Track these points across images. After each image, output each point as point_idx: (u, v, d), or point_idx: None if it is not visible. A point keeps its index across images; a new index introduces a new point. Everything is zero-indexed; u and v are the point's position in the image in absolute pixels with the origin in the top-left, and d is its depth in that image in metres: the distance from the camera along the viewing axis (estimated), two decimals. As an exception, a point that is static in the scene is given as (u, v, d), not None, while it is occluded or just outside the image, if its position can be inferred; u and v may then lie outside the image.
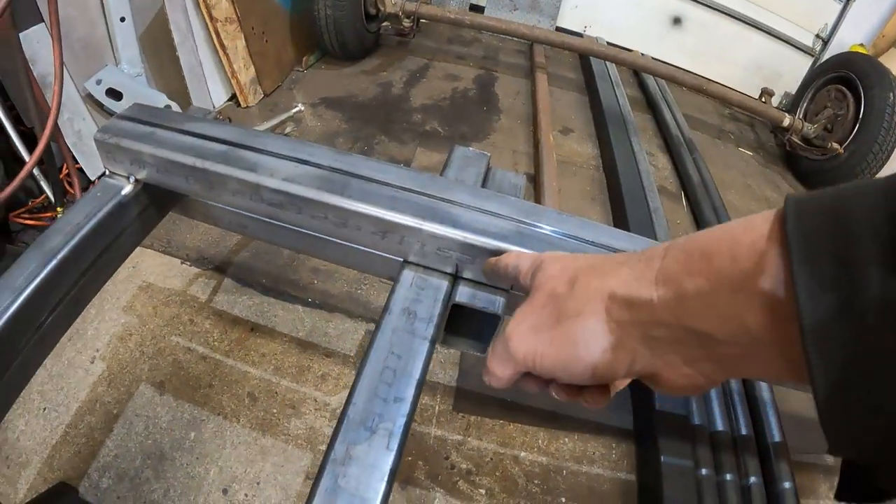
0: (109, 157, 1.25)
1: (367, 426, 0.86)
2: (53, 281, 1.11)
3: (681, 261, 0.55)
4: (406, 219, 1.07)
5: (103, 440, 2.04)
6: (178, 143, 1.19)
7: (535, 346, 0.67)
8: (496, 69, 4.51)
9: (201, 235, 2.73)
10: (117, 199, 1.25)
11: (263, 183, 1.12)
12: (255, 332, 2.36)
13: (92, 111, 3.05)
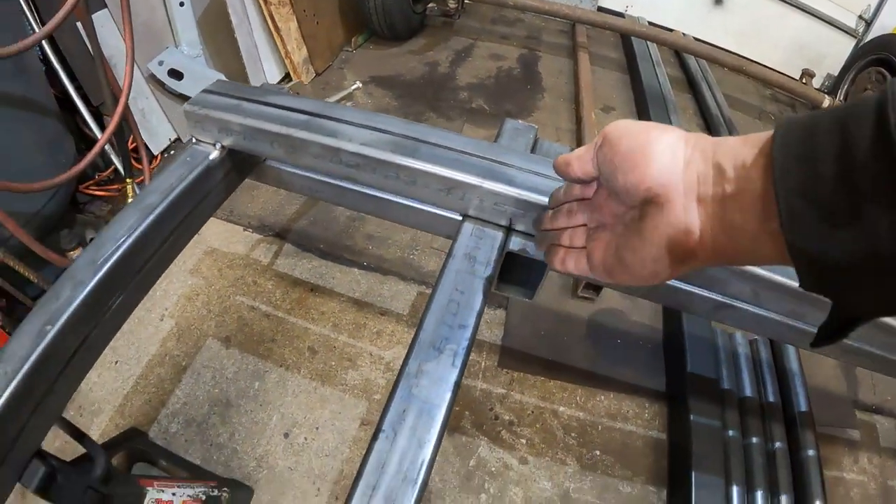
0: (198, 126, 1.42)
1: (436, 347, 1.02)
2: (151, 233, 1.28)
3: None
4: (468, 177, 1.21)
5: (172, 390, 2.24)
6: (263, 113, 1.35)
7: (622, 123, 0.71)
8: (539, 49, 4.58)
9: (261, 205, 2.94)
10: (205, 163, 1.41)
11: (343, 147, 1.27)
12: (315, 292, 2.56)
13: (154, 90, 3.22)
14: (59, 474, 1.21)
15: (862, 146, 0.48)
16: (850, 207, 0.49)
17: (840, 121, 0.51)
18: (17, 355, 1.06)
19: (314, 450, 2.09)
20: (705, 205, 0.62)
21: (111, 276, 1.20)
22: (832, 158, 0.50)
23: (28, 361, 1.06)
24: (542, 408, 2.20)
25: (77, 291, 1.13)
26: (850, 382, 2.37)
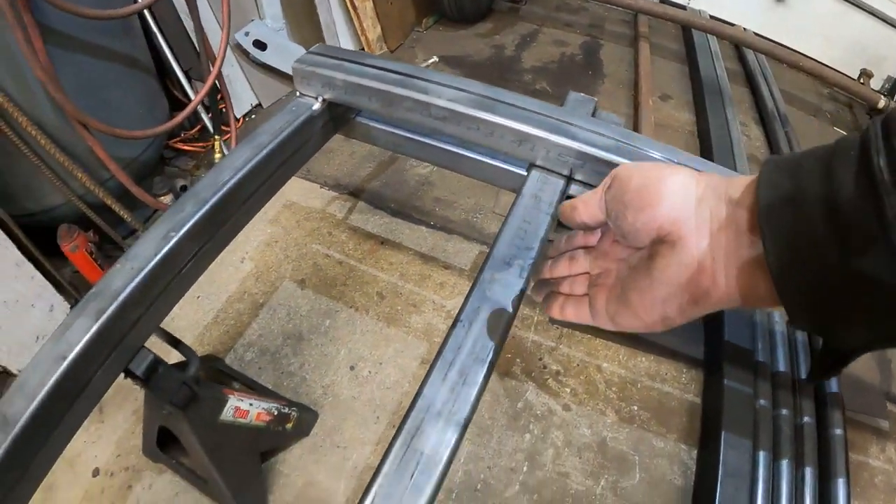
0: (303, 81, 1.68)
1: (506, 262, 1.22)
2: (261, 166, 1.53)
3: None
4: (537, 131, 1.43)
5: (249, 323, 2.48)
6: (363, 72, 1.59)
7: (632, 164, 0.72)
8: (601, 37, 4.70)
9: (337, 167, 3.20)
10: (308, 113, 1.66)
11: (434, 102, 1.51)
12: (385, 245, 2.81)
13: (239, 59, 3.45)
14: (159, 367, 1.42)
15: (846, 186, 0.50)
16: (838, 247, 0.50)
17: (824, 161, 0.53)
18: (143, 255, 1.29)
19: (377, 382, 2.32)
20: (719, 242, 0.62)
21: (227, 198, 1.43)
22: (818, 199, 0.52)
23: (152, 261, 1.29)
24: (587, 362, 2.36)
25: (199, 207, 1.37)
26: (885, 375, 2.40)
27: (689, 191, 0.65)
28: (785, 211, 0.54)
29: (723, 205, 0.62)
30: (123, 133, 2.47)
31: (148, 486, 2.10)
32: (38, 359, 1.20)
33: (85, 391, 1.25)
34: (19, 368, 2.35)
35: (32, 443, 1.14)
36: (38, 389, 1.15)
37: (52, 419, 1.18)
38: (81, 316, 1.22)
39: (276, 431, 2.01)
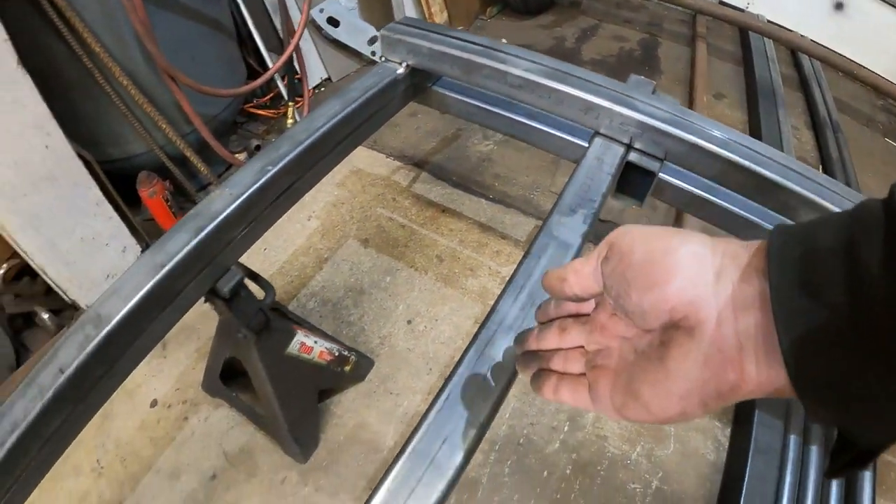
0: (390, 47, 1.82)
1: (571, 209, 1.35)
2: (348, 118, 1.66)
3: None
4: (602, 101, 1.53)
5: (313, 275, 2.58)
6: (446, 42, 1.72)
7: (632, 229, 0.58)
8: (660, 35, 4.70)
9: (402, 140, 3.29)
10: (393, 76, 1.79)
11: (511, 71, 1.63)
12: (445, 213, 2.89)
13: (312, 34, 3.54)
14: (242, 290, 1.51)
15: (873, 277, 0.41)
16: (862, 346, 0.42)
17: (845, 240, 0.44)
18: (242, 183, 1.40)
19: (431, 337, 2.40)
20: (747, 327, 0.49)
21: (318, 142, 1.56)
22: (840, 289, 0.43)
23: (250, 188, 1.40)
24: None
25: (293, 147, 1.49)
26: None
27: (704, 264, 0.53)
28: (801, 299, 0.45)
29: (747, 280, 0.50)
30: (209, 90, 2.57)
31: (204, 419, 2.20)
32: (137, 266, 1.28)
33: (175, 301, 1.33)
34: (87, 304, 2.40)
35: (121, 342, 1.22)
36: (134, 293, 1.23)
37: (141, 322, 1.26)
38: (181, 231, 1.32)
39: (335, 372, 2.10)
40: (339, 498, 2.00)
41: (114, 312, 1.20)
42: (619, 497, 1.98)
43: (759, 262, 0.50)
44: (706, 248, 0.53)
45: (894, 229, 0.41)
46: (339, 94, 1.68)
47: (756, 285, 0.49)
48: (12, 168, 2.06)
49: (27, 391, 1.11)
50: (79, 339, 1.17)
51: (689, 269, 0.52)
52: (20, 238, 2.17)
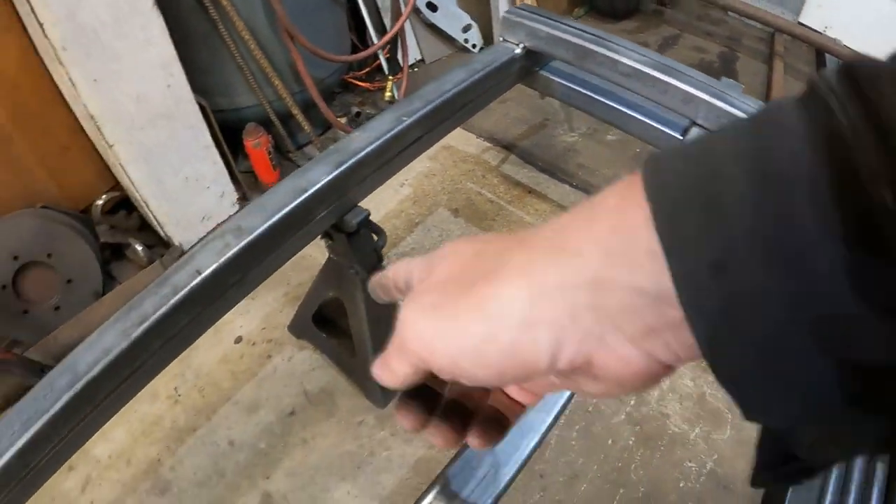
0: (509, 29, 1.94)
1: None
2: (473, 86, 1.78)
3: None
4: (701, 94, 1.67)
5: (404, 237, 2.66)
6: (564, 28, 1.86)
7: (435, 324, 0.42)
8: (739, 50, 4.67)
9: (493, 123, 3.35)
10: (510, 55, 1.91)
11: (621, 60, 1.76)
12: (532, 194, 2.95)
13: (411, 16, 3.60)
14: (362, 229, 1.60)
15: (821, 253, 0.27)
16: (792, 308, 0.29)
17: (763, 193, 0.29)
18: (379, 128, 1.55)
19: (509, 304, 2.43)
20: (636, 342, 0.36)
21: (445, 104, 1.68)
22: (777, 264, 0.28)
23: (386, 134, 1.53)
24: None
25: (424, 104, 1.64)
26: None
27: (519, 311, 0.38)
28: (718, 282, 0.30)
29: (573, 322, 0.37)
30: (324, 53, 2.65)
31: (287, 359, 2.27)
32: (280, 187, 1.38)
33: (307, 226, 1.43)
34: (180, 242, 2.55)
35: (256, 253, 1.30)
36: (276, 211, 1.32)
37: (277, 239, 1.35)
38: (322, 163, 1.43)
39: (423, 324, 2.14)
40: (413, 444, 2.06)
41: (254, 226, 1.29)
42: (675, 472, 2.02)
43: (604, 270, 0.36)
44: (521, 290, 0.39)
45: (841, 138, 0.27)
46: (464, 62, 1.80)
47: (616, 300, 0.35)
48: (135, 102, 2.15)
49: (159, 289, 1.18)
50: (218, 247, 1.24)
51: (510, 318, 0.39)
52: (131, 169, 2.26)
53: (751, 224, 0.29)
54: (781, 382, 0.31)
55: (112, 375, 1.10)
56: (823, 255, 0.27)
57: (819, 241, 0.27)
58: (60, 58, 1.92)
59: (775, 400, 0.32)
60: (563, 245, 0.39)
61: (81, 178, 2.40)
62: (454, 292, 0.42)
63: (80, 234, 2.30)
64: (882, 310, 0.27)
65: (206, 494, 1.93)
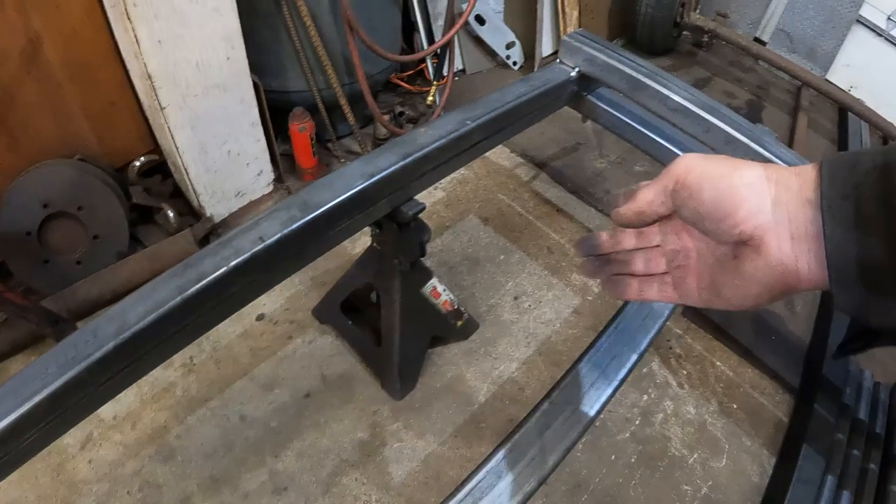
0: (568, 52, 1.97)
1: None
2: (532, 100, 1.79)
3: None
4: (741, 137, 1.74)
5: (434, 238, 2.59)
6: (619, 59, 1.89)
7: (698, 159, 0.63)
8: (766, 99, 4.62)
9: (527, 140, 3.30)
10: (565, 77, 1.94)
11: (672, 96, 1.80)
12: (560, 212, 2.91)
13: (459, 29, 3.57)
14: (413, 222, 1.56)
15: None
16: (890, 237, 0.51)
17: (882, 161, 0.53)
18: (444, 127, 1.52)
19: (534, 315, 2.42)
20: (800, 244, 0.57)
21: (505, 113, 1.68)
22: (875, 197, 0.52)
23: (452, 134, 1.51)
24: (704, 356, 2.39)
25: (487, 111, 1.62)
26: None
27: (763, 193, 0.59)
28: (844, 205, 0.53)
29: (798, 205, 0.57)
30: (380, 50, 2.61)
31: (308, 342, 2.21)
32: (348, 169, 1.37)
33: (369, 209, 1.41)
34: (212, 213, 2.49)
35: (318, 229, 1.28)
36: (343, 191, 1.30)
37: (340, 218, 1.33)
38: (390, 152, 1.41)
39: (449, 323, 2.12)
40: (425, 438, 2.01)
41: (321, 202, 1.26)
42: (672, 494, 2.01)
43: (809, 192, 0.57)
44: (762, 178, 0.59)
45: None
46: (524, 78, 1.82)
47: (808, 216, 0.56)
48: (194, 68, 2.10)
49: (221, 251, 1.15)
50: (283, 217, 1.22)
51: (752, 200, 0.59)
52: (178, 133, 2.21)
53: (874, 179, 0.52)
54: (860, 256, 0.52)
55: (160, 330, 1.07)
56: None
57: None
58: (129, 13, 1.86)
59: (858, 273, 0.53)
60: (779, 168, 0.60)
61: (123, 136, 2.34)
62: (720, 160, 0.62)
63: (113, 192, 2.24)
64: None
65: (211, 466, 1.88)
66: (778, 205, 0.58)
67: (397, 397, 2.08)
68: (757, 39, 5.05)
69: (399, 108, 3.15)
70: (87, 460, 1.84)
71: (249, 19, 2.22)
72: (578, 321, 2.42)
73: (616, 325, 1.15)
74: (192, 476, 1.85)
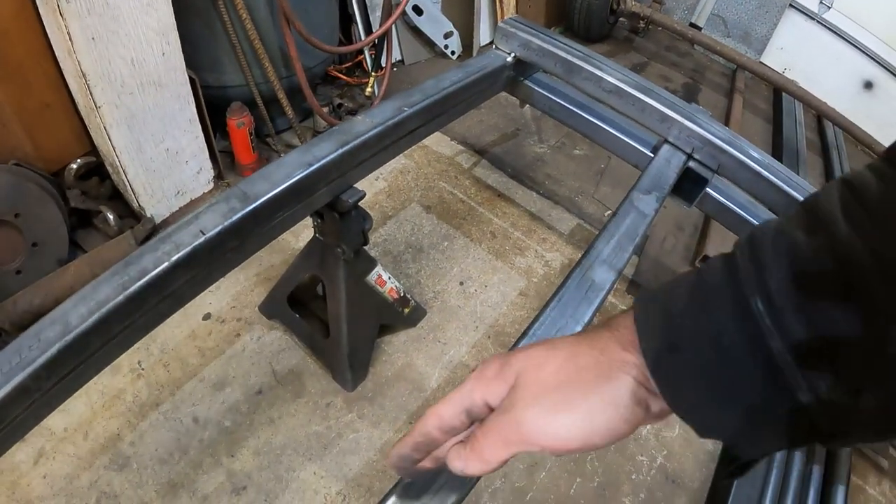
0: (504, 38, 2.02)
1: (647, 191, 1.58)
2: (467, 86, 1.82)
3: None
4: (675, 115, 1.79)
5: (377, 228, 2.62)
6: (554, 43, 1.96)
7: (569, 421, 0.55)
8: (702, 83, 4.74)
9: (466, 128, 3.36)
10: (501, 62, 2.00)
11: (606, 78, 1.88)
12: (501, 197, 2.96)
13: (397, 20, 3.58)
14: (354, 211, 1.58)
15: (727, 332, 0.48)
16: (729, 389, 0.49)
17: (698, 303, 0.52)
18: (382, 115, 1.55)
19: (480, 299, 2.45)
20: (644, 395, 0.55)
21: (442, 99, 1.72)
22: (703, 343, 0.50)
23: (387, 121, 1.55)
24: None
25: (423, 98, 1.66)
26: None
27: (634, 399, 0.55)
28: (669, 361, 0.52)
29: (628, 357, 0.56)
30: (317, 42, 2.60)
31: (256, 338, 2.20)
32: (287, 160, 1.38)
33: (309, 199, 1.42)
34: (153, 214, 2.46)
35: (258, 220, 1.29)
36: (282, 181, 1.31)
37: (279, 208, 1.33)
38: (328, 141, 1.43)
39: (396, 311, 2.13)
40: (380, 427, 2.03)
41: (260, 193, 1.27)
42: (628, 465, 2.07)
43: (631, 336, 0.56)
44: (634, 383, 0.55)
45: (739, 287, 0.49)
46: (460, 65, 1.86)
47: (637, 361, 0.55)
48: (129, 65, 2.07)
49: (161, 246, 1.14)
50: (222, 210, 1.22)
51: (632, 408, 0.55)
52: (114, 133, 2.17)
53: (692, 325, 0.51)
54: (714, 409, 0.50)
55: (105, 330, 1.05)
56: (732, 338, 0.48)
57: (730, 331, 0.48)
58: (61, 9, 1.82)
59: (714, 420, 0.52)
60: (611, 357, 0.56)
61: (58, 138, 2.27)
62: (577, 395, 0.56)
63: (50, 197, 2.17)
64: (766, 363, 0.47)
65: (167, 471, 1.86)
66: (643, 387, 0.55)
67: (349, 388, 2.08)
68: (693, 25, 5.18)
69: (338, 101, 3.14)
70: (41, 475, 1.80)
71: (184, 14, 2.19)
72: (525, 303, 2.47)
73: (559, 299, 1.16)
74: (149, 483, 1.83)
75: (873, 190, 0.44)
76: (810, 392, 0.45)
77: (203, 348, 2.16)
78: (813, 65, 5.06)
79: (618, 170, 3.26)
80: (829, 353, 0.44)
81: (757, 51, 5.09)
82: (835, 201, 0.46)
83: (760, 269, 0.47)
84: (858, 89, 4.95)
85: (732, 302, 0.48)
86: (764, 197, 1.78)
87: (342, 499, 1.86)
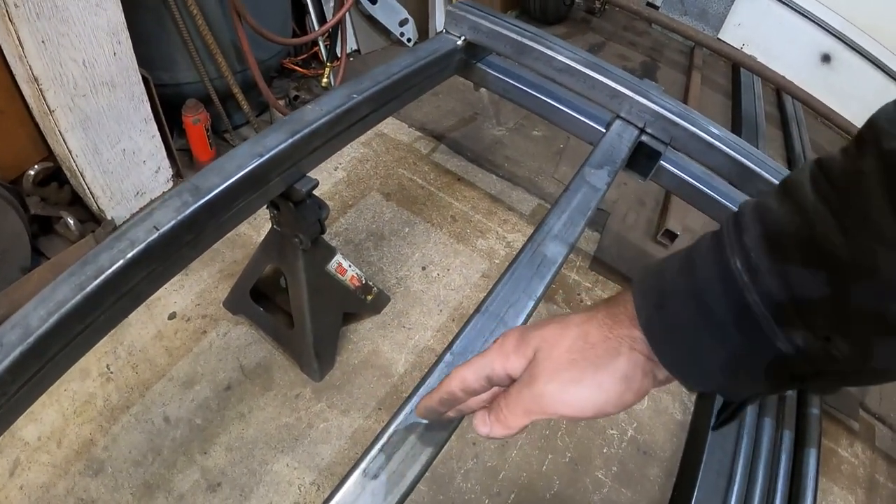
0: (452, 22, 2.07)
1: (599, 165, 1.64)
2: (407, 78, 1.85)
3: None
4: (626, 91, 1.85)
5: (338, 218, 2.66)
6: (504, 25, 2.01)
7: (585, 394, 0.63)
8: (660, 61, 4.82)
9: (424, 114, 3.41)
10: (451, 46, 2.05)
11: (556, 57, 1.92)
12: (460, 181, 3.01)
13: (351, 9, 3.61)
14: (309, 199, 1.63)
15: (710, 285, 0.55)
16: (709, 333, 0.55)
17: (686, 260, 0.59)
18: (331, 103, 1.60)
19: (443, 283, 2.51)
20: (646, 366, 0.62)
21: (392, 85, 1.78)
22: (687, 295, 0.57)
23: (337, 108, 1.60)
24: (615, 306, 2.53)
25: (372, 84, 1.72)
26: (861, 388, 2.53)
27: (642, 372, 0.63)
28: (660, 315, 0.59)
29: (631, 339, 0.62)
30: (269, 34, 2.63)
31: (223, 334, 2.24)
32: (238, 151, 1.40)
33: (261, 189, 1.46)
34: (113, 216, 2.47)
35: (212, 213, 1.32)
36: (234, 173, 1.34)
37: (232, 201, 1.37)
38: (278, 131, 1.46)
39: (359, 299, 2.17)
40: (350, 415, 2.07)
41: (212, 186, 1.30)
42: (599, 439, 2.14)
43: (630, 312, 0.62)
44: (642, 357, 0.62)
45: (722, 247, 0.55)
46: (408, 51, 1.90)
47: (642, 336, 0.61)
48: (81, 67, 2.08)
49: (116, 244, 1.17)
50: (176, 204, 1.25)
51: (641, 380, 0.62)
52: (69, 136, 2.18)
53: (680, 285, 0.58)
54: (699, 360, 0.57)
55: (66, 331, 1.07)
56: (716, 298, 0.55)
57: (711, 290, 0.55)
58: (10, 14, 1.82)
59: (700, 372, 0.58)
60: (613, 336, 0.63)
61: (14, 145, 2.26)
62: (590, 369, 0.62)
63: (10, 205, 2.18)
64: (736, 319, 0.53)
65: (142, 472, 1.89)
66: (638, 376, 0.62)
67: (317, 378, 2.12)
68: (650, 4, 5.23)
69: (294, 93, 3.17)
70: (18, 487, 1.82)
71: (135, 12, 2.20)
72: (487, 284, 2.50)
73: (511, 274, 1.21)
74: (125, 486, 1.85)
75: (838, 163, 0.50)
76: (788, 342, 0.51)
77: (170, 348, 2.19)
78: (771, 40, 5.14)
79: (577, 149, 3.33)
80: (800, 309, 0.50)
81: (714, 28, 5.18)
82: (806, 175, 0.52)
83: (740, 232, 0.54)
84: (816, 62, 5.04)
85: (715, 262, 0.55)
86: (719, 168, 1.83)
87: (316, 489, 1.90)
